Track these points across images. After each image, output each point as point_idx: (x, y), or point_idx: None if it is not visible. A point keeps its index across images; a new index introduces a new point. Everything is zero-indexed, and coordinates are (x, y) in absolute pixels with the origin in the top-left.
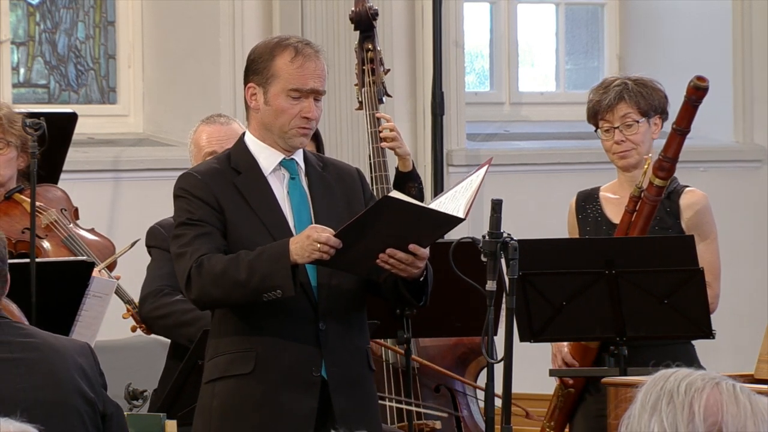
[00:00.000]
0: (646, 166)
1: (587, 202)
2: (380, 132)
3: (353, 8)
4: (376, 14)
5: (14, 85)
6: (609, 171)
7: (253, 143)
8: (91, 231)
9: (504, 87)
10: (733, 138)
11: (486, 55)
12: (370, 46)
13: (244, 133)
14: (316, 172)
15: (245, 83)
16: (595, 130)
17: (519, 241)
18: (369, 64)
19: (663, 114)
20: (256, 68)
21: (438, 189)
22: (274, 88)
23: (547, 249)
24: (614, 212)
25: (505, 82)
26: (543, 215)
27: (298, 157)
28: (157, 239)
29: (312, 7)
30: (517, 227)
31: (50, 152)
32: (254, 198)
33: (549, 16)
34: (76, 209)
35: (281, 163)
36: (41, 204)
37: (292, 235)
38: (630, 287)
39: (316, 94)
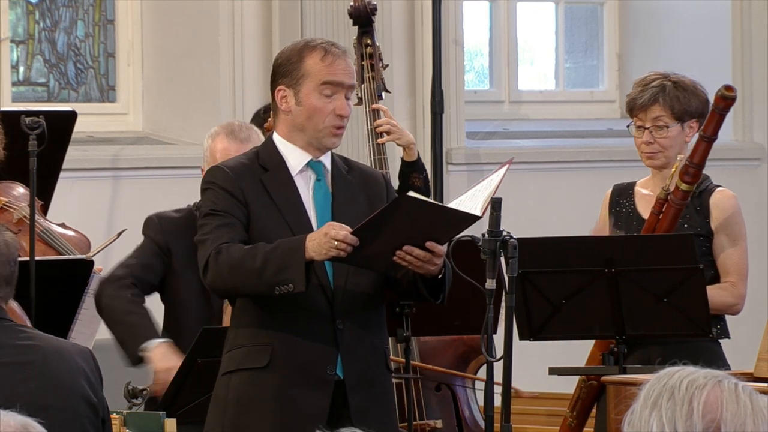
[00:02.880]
0: (673, 170)
1: (621, 197)
2: (376, 127)
3: (352, 3)
4: (375, 9)
5: (14, 84)
6: (608, 170)
7: (281, 144)
8: (62, 225)
9: (503, 85)
10: (733, 136)
11: (485, 54)
12: (368, 42)
13: (272, 132)
14: (341, 175)
15: (273, 87)
16: (628, 126)
17: (518, 239)
18: (368, 60)
19: (701, 118)
20: (285, 71)
21: (437, 187)
22: (305, 88)
23: (547, 247)
24: (646, 208)
25: (505, 80)
26: (542, 213)
27: (326, 159)
28: (148, 228)
29: (311, 5)
30: (516, 225)
31: (49, 151)
32: (279, 196)
33: (548, 14)
34: (43, 204)
35: (308, 164)
36: (9, 200)
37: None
38: (629, 286)
39: (348, 90)
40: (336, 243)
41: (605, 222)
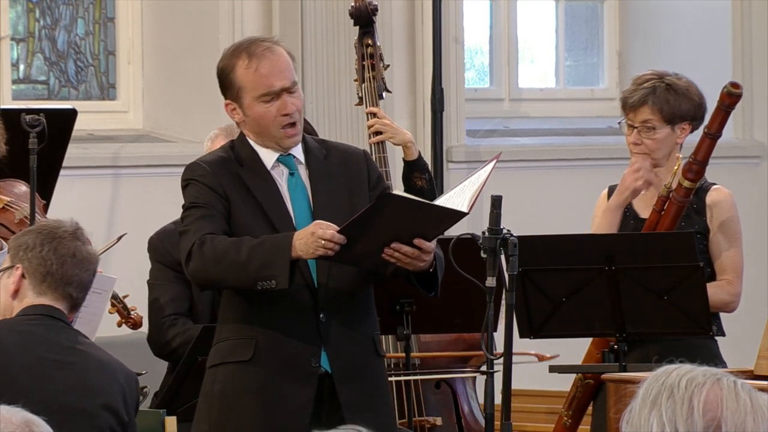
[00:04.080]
0: (676, 167)
1: None
2: (369, 128)
3: (353, 3)
4: (376, 9)
5: (14, 82)
6: (608, 167)
7: (252, 141)
8: None
9: (504, 83)
10: (733, 134)
11: (486, 52)
12: (369, 42)
13: None
14: (317, 162)
15: (224, 99)
16: (620, 122)
17: (519, 237)
18: (369, 60)
19: (694, 120)
20: (225, 84)
21: (437, 185)
22: (245, 100)
23: (547, 245)
24: (642, 206)
25: (505, 78)
26: (543, 211)
27: (296, 151)
28: (156, 252)
29: (311, 5)
30: (516, 223)
31: (50, 149)
32: (258, 190)
33: (548, 12)
34: (45, 204)
35: (278, 160)
36: (11, 199)
37: (294, 228)
38: (630, 283)
39: (285, 91)
40: (323, 242)
41: (602, 222)
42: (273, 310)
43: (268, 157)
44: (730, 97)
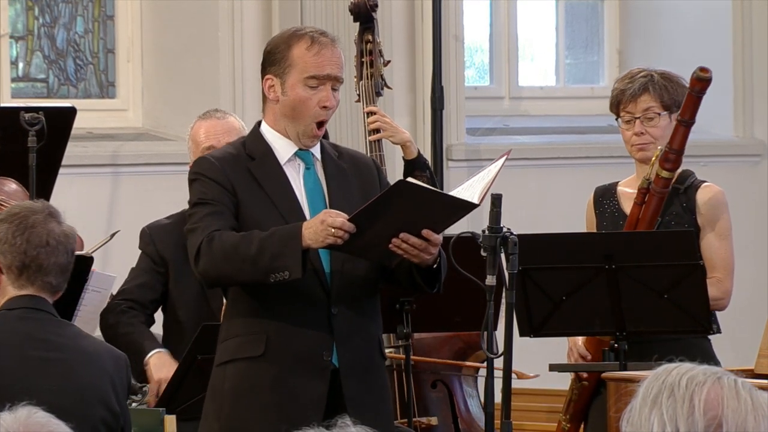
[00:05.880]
0: (653, 158)
1: (605, 197)
2: (368, 126)
3: (352, 0)
4: (376, 5)
5: (13, 80)
6: (608, 166)
7: (268, 132)
8: None
9: (504, 81)
10: (733, 132)
11: (486, 50)
12: (369, 38)
13: (259, 122)
14: (332, 161)
15: (263, 75)
16: (616, 119)
17: (519, 235)
18: (367, 56)
19: None
20: (273, 59)
21: (438, 183)
22: (291, 78)
23: (547, 244)
24: (630, 205)
25: (505, 76)
26: (543, 210)
27: (314, 148)
28: (142, 241)
29: (311, 3)
30: (516, 222)
31: (49, 147)
32: (268, 183)
33: (549, 10)
34: None
35: (296, 154)
36: (2, 198)
37: (305, 220)
38: (630, 282)
39: (334, 82)
40: (333, 230)
41: (592, 224)
42: (284, 305)
43: (285, 149)
44: (700, 82)
